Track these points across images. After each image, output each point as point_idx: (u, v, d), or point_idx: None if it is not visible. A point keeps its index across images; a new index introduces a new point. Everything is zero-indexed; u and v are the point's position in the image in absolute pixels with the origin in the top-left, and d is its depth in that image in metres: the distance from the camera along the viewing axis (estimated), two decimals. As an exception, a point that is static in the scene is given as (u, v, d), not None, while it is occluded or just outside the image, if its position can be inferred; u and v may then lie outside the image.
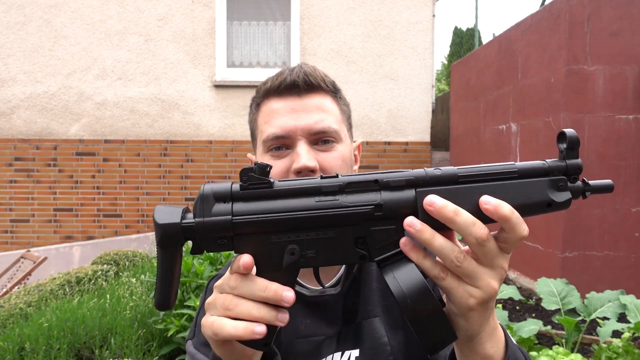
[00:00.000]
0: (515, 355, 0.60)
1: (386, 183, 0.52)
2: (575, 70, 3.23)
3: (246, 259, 0.52)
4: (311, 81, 0.78)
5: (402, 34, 5.63)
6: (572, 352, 2.47)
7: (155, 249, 0.56)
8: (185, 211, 0.54)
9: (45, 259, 4.41)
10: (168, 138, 5.61)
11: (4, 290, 4.22)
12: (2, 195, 5.57)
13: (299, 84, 0.78)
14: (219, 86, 5.59)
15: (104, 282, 4.01)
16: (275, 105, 0.79)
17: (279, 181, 0.54)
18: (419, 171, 0.53)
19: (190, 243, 0.55)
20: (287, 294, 0.52)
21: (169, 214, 0.53)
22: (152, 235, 5.55)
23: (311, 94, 0.79)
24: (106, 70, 5.57)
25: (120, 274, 4.27)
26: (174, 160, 5.61)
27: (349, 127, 0.87)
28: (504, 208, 0.50)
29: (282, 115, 0.78)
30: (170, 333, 2.64)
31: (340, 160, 0.79)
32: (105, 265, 4.34)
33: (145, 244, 5.48)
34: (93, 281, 4.02)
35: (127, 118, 5.60)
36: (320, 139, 0.78)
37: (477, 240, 0.49)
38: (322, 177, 0.53)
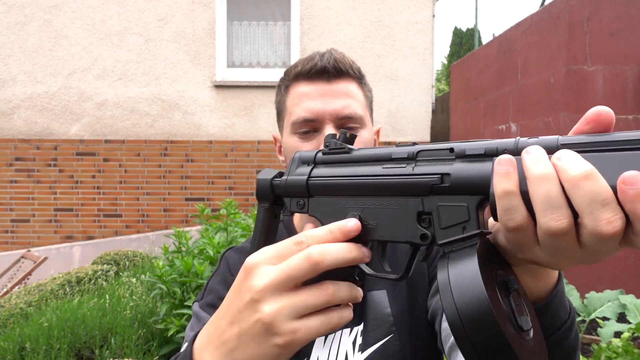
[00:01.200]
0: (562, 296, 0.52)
1: (462, 151, 0.43)
2: (575, 70, 3.23)
3: (355, 221, 0.48)
4: (340, 67, 0.82)
5: (402, 34, 5.63)
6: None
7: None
8: (282, 174, 0.58)
9: (45, 258, 4.41)
10: (168, 138, 5.61)
11: (5, 290, 4.22)
12: (3, 195, 5.57)
13: (329, 70, 0.82)
14: (219, 86, 5.59)
15: (104, 282, 4.01)
16: (304, 89, 0.83)
17: (358, 149, 0.53)
18: (508, 141, 0.42)
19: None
20: (366, 250, 0.48)
21: (267, 174, 0.58)
22: (152, 235, 5.56)
23: (339, 80, 0.83)
24: (106, 71, 5.58)
25: (121, 273, 4.27)
26: (174, 160, 5.62)
27: (371, 112, 0.93)
28: None
29: (311, 99, 0.82)
30: (170, 333, 2.64)
31: (363, 146, 0.82)
32: (105, 265, 4.35)
33: (146, 243, 5.48)
34: (93, 281, 4.02)
35: (128, 118, 5.60)
36: (346, 124, 0.82)
37: None
38: (397, 145, 0.50)
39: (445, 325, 0.72)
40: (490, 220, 0.45)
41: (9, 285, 4.34)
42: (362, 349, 0.78)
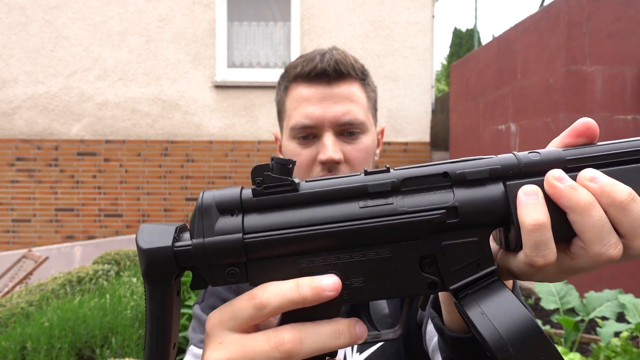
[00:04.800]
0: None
1: (461, 176, 0.36)
2: (574, 70, 3.24)
3: (333, 279, 0.36)
4: (341, 69, 0.79)
5: (402, 34, 5.64)
6: (570, 351, 2.48)
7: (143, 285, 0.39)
8: (181, 230, 0.39)
9: (46, 258, 4.42)
10: (169, 138, 5.63)
11: (6, 289, 4.24)
12: (4, 195, 5.59)
13: (329, 73, 0.78)
14: (219, 86, 5.60)
15: (105, 282, 4.02)
16: (304, 92, 0.80)
17: (305, 181, 0.39)
18: (507, 157, 0.37)
19: (190, 273, 0.39)
20: (360, 329, 0.37)
21: (156, 235, 0.37)
22: (152, 235, 5.57)
23: (340, 82, 0.79)
24: (107, 71, 5.59)
25: (121, 273, 4.28)
26: (175, 160, 5.63)
27: (374, 112, 0.88)
28: None
29: (311, 103, 0.79)
30: (171, 332, 2.65)
31: (364, 152, 0.80)
32: (106, 265, 4.36)
33: (146, 243, 5.48)
34: (94, 281, 4.04)
35: (128, 118, 5.61)
36: (347, 131, 0.79)
37: None
38: (366, 173, 0.38)
39: (429, 327, 0.69)
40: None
41: (10, 285, 4.35)
42: (361, 349, 0.77)
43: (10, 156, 5.57)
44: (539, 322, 2.60)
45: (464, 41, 8.99)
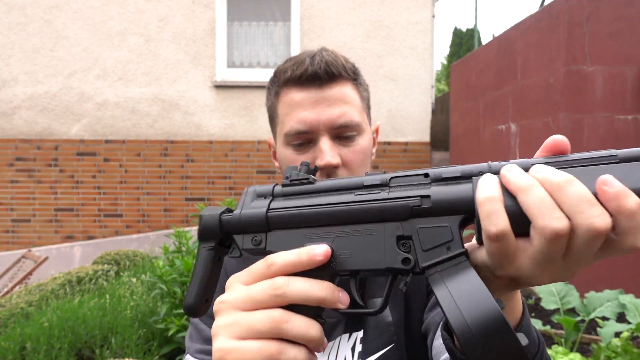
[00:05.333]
0: (529, 325, 0.54)
1: (438, 175, 0.44)
2: (574, 70, 3.23)
3: (324, 248, 0.45)
4: (332, 71, 0.77)
5: (402, 34, 5.64)
6: (571, 351, 2.48)
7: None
8: (229, 211, 0.52)
9: (46, 258, 4.42)
10: (168, 138, 5.62)
11: (5, 289, 4.23)
12: (4, 195, 5.58)
13: (321, 75, 0.77)
14: (219, 86, 5.60)
15: (104, 282, 4.02)
16: (296, 96, 0.78)
17: (322, 180, 0.50)
18: (480, 165, 0.44)
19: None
20: (343, 296, 0.45)
21: (213, 210, 0.52)
22: (152, 235, 5.57)
23: (332, 84, 0.78)
24: (107, 71, 5.58)
25: (121, 273, 4.28)
26: (175, 160, 5.62)
27: (368, 111, 0.87)
28: (630, 199, 0.36)
29: (304, 108, 0.77)
30: (170, 333, 2.65)
31: (361, 155, 0.79)
32: (105, 265, 4.35)
33: (146, 243, 5.49)
34: (94, 281, 4.03)
35: (128, 118, 5.61)
36: (342, 133, 0.78)
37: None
38: (366, 174, 0.48)
39: (437, 342, 0.69)
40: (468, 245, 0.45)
41: (9, 285, 4.34)
42: (362, 356, 0.76)
43: (9, 156, 5.57)
44: (539, 322, 2.60)
45: (464, 41, 8.99)
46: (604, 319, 2.74)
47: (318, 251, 0.44)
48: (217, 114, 5.63)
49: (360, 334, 0.77)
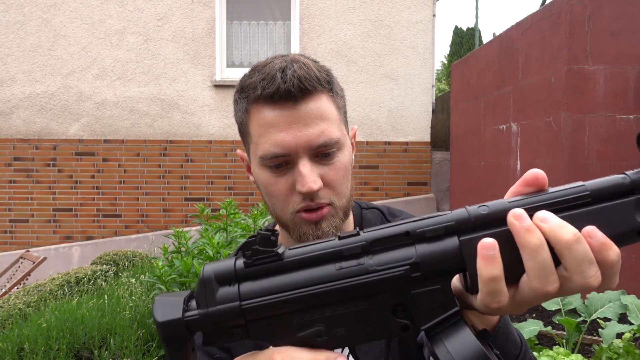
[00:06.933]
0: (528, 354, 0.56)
1: (421, 234, 0.43)
2: (575, 70, 3.22)
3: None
4: (306, 87, 0.71)
5: (403, 33, 5.62)
6: (572, 352, 2.46)
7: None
8: (190, 298, 0.46)
9: (44, 259, 4.40)
10: (168, 138, 5.60)
11: (3, 290, 4.21)
12: (2, 195, 5.56)
13: (294, 93, 0.71)
14: (218, 86, 5.58)
15: (103, 283, 4.00)
16: (268, 116, 0.72)
17: (289, 249, 0.45)
18: (459, 212, 0.43)
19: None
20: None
21: (169, 307, 0.45)
22: (151, 235, 5.55)
23: (307, 100, 0.72)
24: (105, 70, 5.56)
25: (120, 274, 4.26)
26: (174, 160, 5.61)
27: (345, 119, 0.81)
28: (612, 250, 0.39)
29: (279, 129, 0.71)
30: (169, 333, 2.62)
31: (342, 171, 0.75)
32: (104, 266, 4.33)
33: (145, 244, 5.47)
34: (92, 281, 4.01)
35: (127, 118, 5.59)
36: (322, 152, 0.73)
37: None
38: (340, 238, 0.45)
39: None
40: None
41: (7, 286, 4.32)
42: None
43: (7, 156, 5.55)
44: (540, 323, 2.58)
45: (464, 40, 8.97)
46: (606, 319, 2.73)
47: None
48: (217, 113, 5.61)
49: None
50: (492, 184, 4.29)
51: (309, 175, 0.71)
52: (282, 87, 0.70)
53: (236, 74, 5.66)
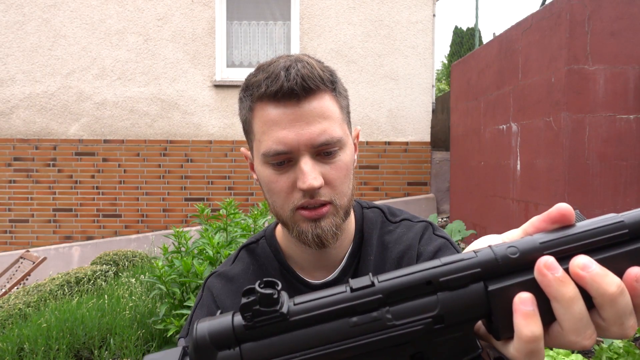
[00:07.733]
0: None
1: (444, 284, 0.39)
2: (576, 70, 3.22)
3: None
4: (309, 86, 0.73)
5: (403, 33, 5.62)
6: (572, 353, 2.46)
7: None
8: (184, 356, 0.40)
9: (44, 259, 4.40)
10: (168, 138, 5.60)
11: (3, 290, 4.21)
12: (1, 195, 5.56)
13: (297, 91, 0.72)
14: (218, 86, 5.58)
15: (103, 283, 4.00)
16: (272, 114, 0.74)
17: (294, 304, 0.40)
18: (486, 256, 0.39)
19: None
20: None
21: None
22: (151, 235, 5.55)
23: (310, 99, 0.73)
24: (105, 70, 5.56)
25: (120, 274, 4.26)
26: (174, 160, 5.61)
27: (348, 119, 0.83)
28: None
29: (281, 127, 0.73)
30: (169, 333, 2.63)
31: (344, 170, 0.76)
32: (104, 266, 4.33)
33: (145, 244, 5.47)
34: (92, 281, 4.01)
35: (127, 118, 5.59)
36: (323, 151, 0.74)
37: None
38: (352, 290, 0.40)
39: None
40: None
41: (7, 286, 4.32)
42: None
43: (7, 156, 5.55)
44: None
45: (464, 40, 8.96)
46: (606, 319, 2.73)
47: None
48: (217, 113, 5.61)
49: None
50: (492, 184, 4.29)
51: (310, 172, 0.72)
52: (285, 85, 0.71)
53: (236, 74, 5.66)
